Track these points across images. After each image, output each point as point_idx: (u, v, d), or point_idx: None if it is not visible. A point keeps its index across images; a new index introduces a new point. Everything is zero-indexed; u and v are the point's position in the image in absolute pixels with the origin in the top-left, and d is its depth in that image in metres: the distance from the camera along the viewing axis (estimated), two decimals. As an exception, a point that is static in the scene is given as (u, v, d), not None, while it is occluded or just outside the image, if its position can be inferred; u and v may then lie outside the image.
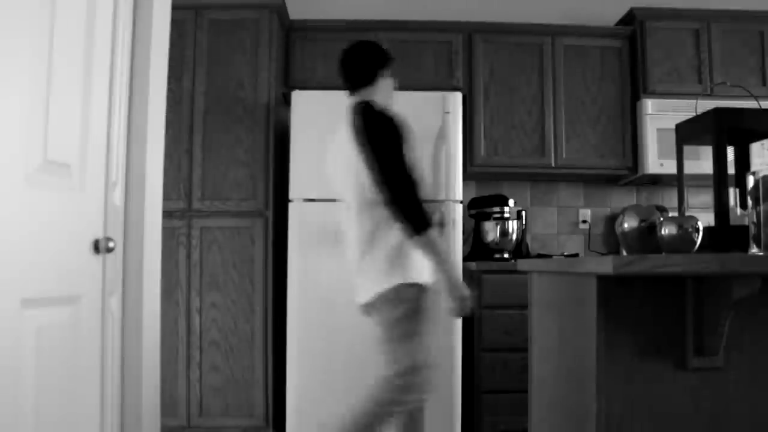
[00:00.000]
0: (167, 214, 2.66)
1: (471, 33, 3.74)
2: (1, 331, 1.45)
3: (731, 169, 2.21)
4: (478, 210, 3.71)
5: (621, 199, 4.00)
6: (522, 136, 3.71)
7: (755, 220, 1.80)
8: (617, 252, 3.90)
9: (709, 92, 3.66)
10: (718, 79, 3.68)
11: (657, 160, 3.62)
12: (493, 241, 3.65)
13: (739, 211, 2.10)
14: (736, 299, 1.51)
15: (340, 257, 3.03)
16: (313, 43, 3.69)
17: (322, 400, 3.12)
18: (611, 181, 3.96)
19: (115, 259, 1.98)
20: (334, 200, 3.12)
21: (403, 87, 3.57)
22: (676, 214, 3.59)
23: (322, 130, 3.29)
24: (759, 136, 2.24)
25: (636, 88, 3.74)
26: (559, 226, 4.03)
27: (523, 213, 3.81)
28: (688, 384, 1.53)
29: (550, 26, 3.76)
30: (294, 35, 3.69)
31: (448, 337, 3.33)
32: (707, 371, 1.53)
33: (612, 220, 4.01)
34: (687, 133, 2.27)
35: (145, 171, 2.11)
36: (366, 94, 2.40)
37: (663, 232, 1.88)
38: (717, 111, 2.11)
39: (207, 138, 3.37)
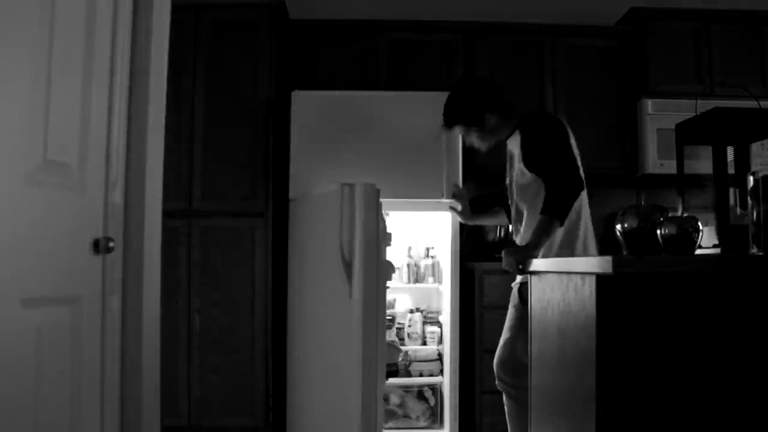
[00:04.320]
0: (167, 214, 2.65)
1: (471, 33, 3.74)
2: (1, 331, 1.45)
3: (731, 169, 2.21)
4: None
5: (621, 199, 3.99)
6: (522, 136, 3.71)
7: (755, 220, 1.80)
8: (617, 252, 3.90)
9: (709, 92, 3.65)
10: (718, 79, 3.68)
11: (657, 160, 3.62)
12: (493, 240, 3.65)
13: (739, 211, 2.10)
14: (736, 299, 1.51)
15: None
16: (313, 43, 3.68)
17: (322, 401, 3.12)
18: (611, 181, 3.96)
19: (115, 259, 1.98)
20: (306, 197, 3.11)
21: (403, 87, 3.58)
22: (676, 214, 3.58)
23: (322, 130, 3.29)
24: (759, 136, 2.24)
25: (636, 88, 3.73)
26: (559, 226, 4.02)
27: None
28: (688, 384, 1.53)
29: (550, 26, 3.76)
30: (294, 35, 3.69)
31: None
32: (707, 371, 1.53)
33: (612, 220, 4.00)
34: (687, 133, 2.27)
35: (145, 171, 2.11)
36: None
37: (663, 232, 1.88)
38: (717, 111, 2.11)
39: (207, 138, 3.37)
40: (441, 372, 3.46)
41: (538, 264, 2.09)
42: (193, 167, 3.35)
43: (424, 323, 3.60)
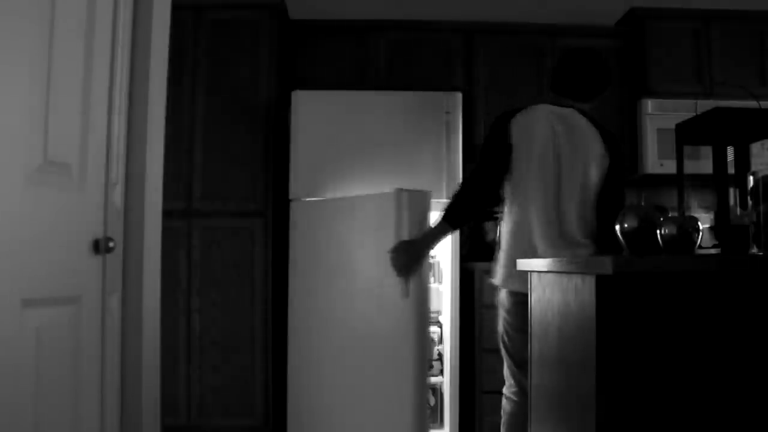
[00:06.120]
0: (167, 214, 2.67)
1: (471, 33, 3.74)
2: (1, 331, 1.45)
3: (731, 169, 2.21)
4: (478, 210, 3.71)
5: (621, 199, 3.99)
6: (522, 136, 3.70)
7: (755, 220, 1.80)
8: (617, 252, 3.89)
9: (709, 92, 3.66)
10: (718, 79, 3.68)
11: (657, 160, 3.62)
12: (492, 240, 3.65)
13: (739, 211, 2.10)
14: (736, 299, 1.51)
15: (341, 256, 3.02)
16: (313, 43, 3.68)
17: (322, 401, 3.12)
18: (611, 181, 3.95)
19: (115, 259, 1.98)
20: (334, 200, 3.13)
21: (403, 87, 3.58)
22: (676, 214, 3.58)
23: (322, 130, 3.30)
24: (759, 136, 2.24)
25: (636, 88, 3.73)
26: (559, 226, 4.02)
27: (523, 213, 3.80)
28: (689, 384, 1.53)
29: (550, 26, 3.76)
30: (294, 35, 3.69)
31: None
32: (707, 371, 1.53)
33: (612, 220, 3.99)
34: (687, 133, 2.27)
35: (145, 171, 2.11)
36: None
37: (663, 232, 1.88)
38: (717, 111, 2.10)
39: (207, 138, 3.37)
40: (441, 372, 3.46)
41: (538, 264, 2.09)
42: (193, 167, 3.35)
43: (424, 323, 3.60)
